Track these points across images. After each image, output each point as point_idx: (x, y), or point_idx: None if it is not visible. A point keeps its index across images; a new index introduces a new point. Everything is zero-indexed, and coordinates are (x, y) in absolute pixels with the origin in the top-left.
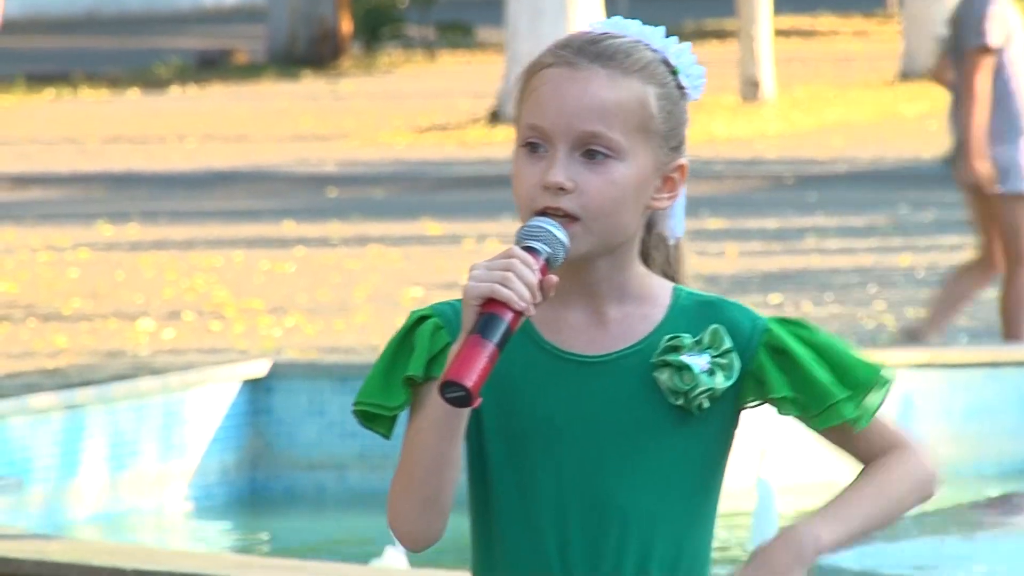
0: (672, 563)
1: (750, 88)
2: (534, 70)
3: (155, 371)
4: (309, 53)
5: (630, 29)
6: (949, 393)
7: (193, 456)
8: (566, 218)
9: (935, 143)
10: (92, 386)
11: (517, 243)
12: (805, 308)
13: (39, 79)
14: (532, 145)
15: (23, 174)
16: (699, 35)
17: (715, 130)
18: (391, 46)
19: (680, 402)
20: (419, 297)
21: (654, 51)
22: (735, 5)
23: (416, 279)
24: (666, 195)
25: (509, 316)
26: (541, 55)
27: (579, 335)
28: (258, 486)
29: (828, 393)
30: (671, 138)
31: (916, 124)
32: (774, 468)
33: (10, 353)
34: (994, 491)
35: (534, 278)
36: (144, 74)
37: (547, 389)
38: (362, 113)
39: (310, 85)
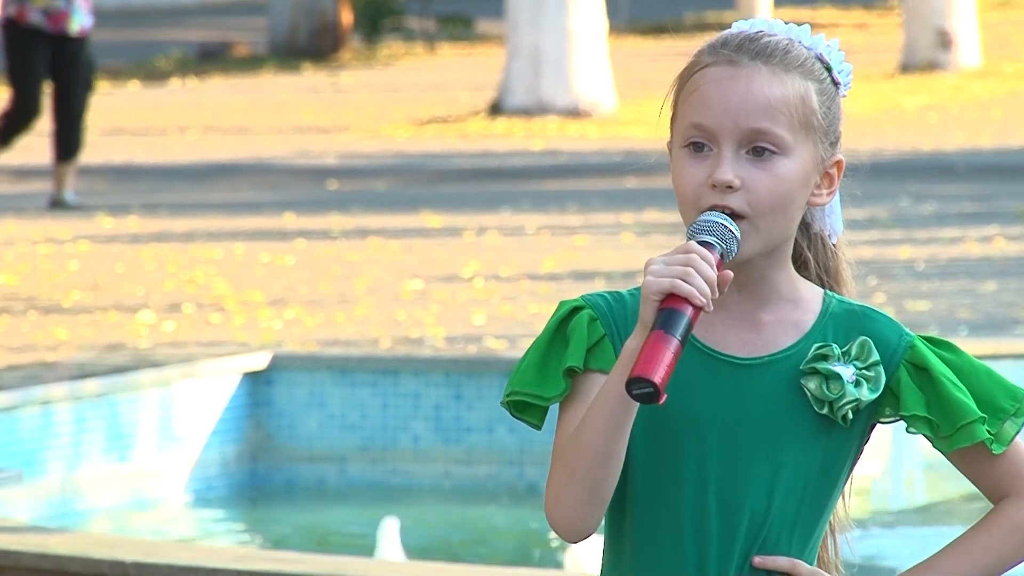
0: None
1: None
2: (693, 69)
3: (155, 363)
4: (310, 45)
5: (778, 27)
6: None
7: (193, 448)
8: (733, 216)
9: (935, 136)
10: (92, 379)
11: (689, 238)
12: None
13: None
14: (696, 144)
15: (23, 166)
16: (699, 28)
17: None
18: (391, 38)
19: (825, 411)
20: (419, 290)
21: (808, 48)
22: None
23: (416, 271)
24: (825, 191)
25: (690, 311)
26: (698, 54)
27: (731, 335)
28: (258, 478)
29: (962, 413)
30: (830, 133)
31: (916, 117)
32: None
33: (10, 346)
34: None
35: (712, 273)
36: (145, 66)
37: (696, 387)
38: (362, 105)
39: (310, 77)
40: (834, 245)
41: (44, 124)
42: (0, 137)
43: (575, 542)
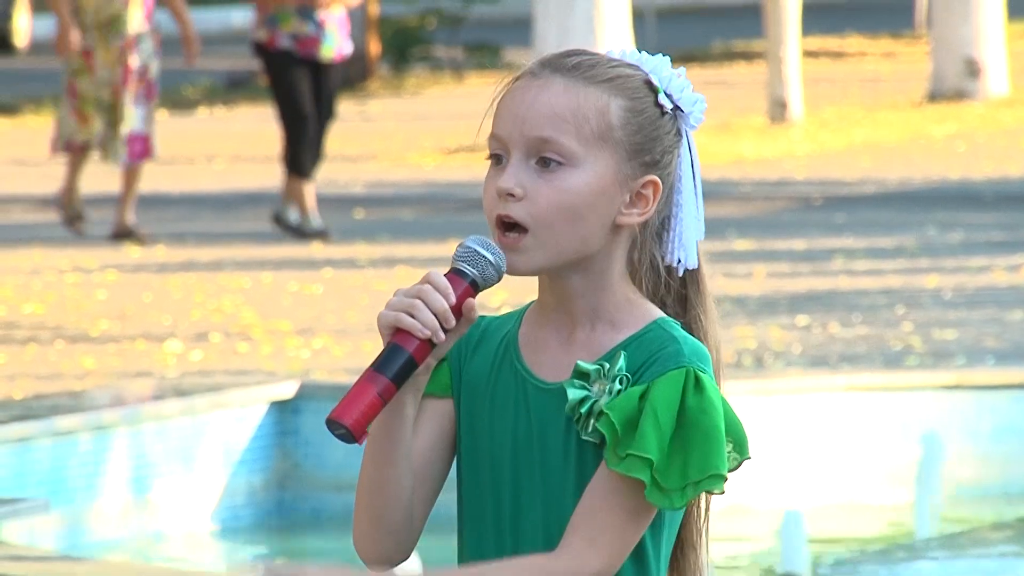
0: None
1: (778, 109)
2: (504, 85)
3: (183, 392)
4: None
5: (628, 56)
6: (976, 415)
7: (220, 477)
8: (516, 228)
9: (963, 164)
10: (119, 408)
11: (451, 263)
12: (832, 329)
13: None
14: (495, 157)
15: (50, 195)
16: (727, 56)
17: (743, 151)
18: (419, 67)
19: (579, 427)
20: None
21: (636, 70)
22: (763, 26)
23: None
24: (635, 211)
25: (415, 345)
26: (515, 73)
27: (549, 358)
28: (285, 507)
29: (641, 445)
30: (639, 153)
31: (944, 145)
32: (796, 485)
33: (38, 374)
34: (1022, 512)
35: (444, 304)
36: (172, 95)
37: (509, 410)
38: (390, 134)
39: (338, 106)
40: (684, 274)
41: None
42: (297, 169)
43: (376, 571)
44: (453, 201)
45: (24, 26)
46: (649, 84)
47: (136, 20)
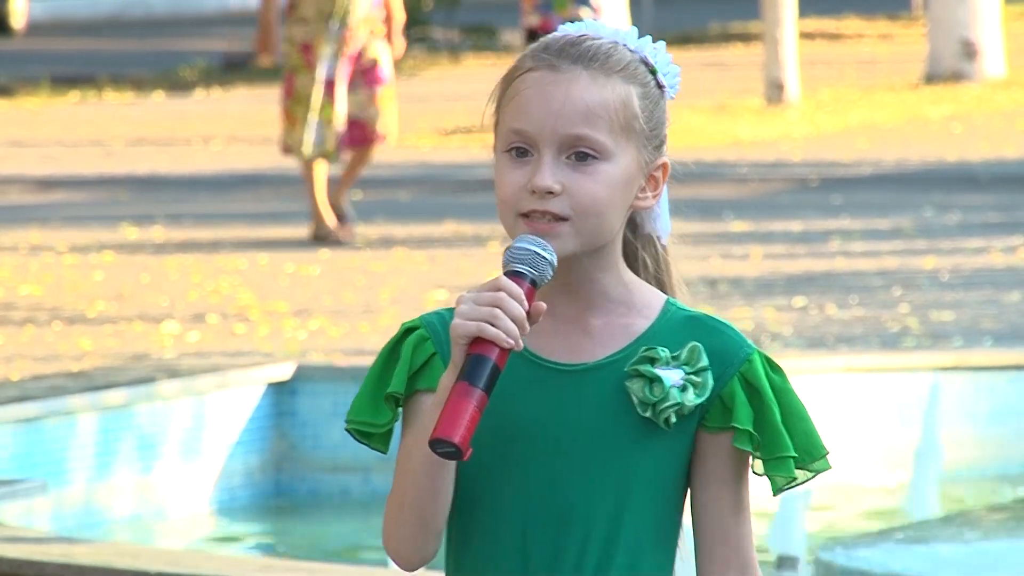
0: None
1: (775, 91)
2: (515, 74)
3: (180, 374)
4: None
5: (604, 30)
6: (974, 396)
7: (217, 459)
8: (555, 219)
9: (959, 146)
10: (117, 389)
11: (504, 267)
12: (829, 311)
13: (64, 81)
14: (517, 150)
15: (48, 177)
16: (724, 38)
17: (740, 133)
18: (416, 48)
19: (648, 414)
20: (443, 300)
21: (632, 51)
22: (760, 8)
23: (441, 282)
24: (650, 194)
25: (496, 353)
26: (520, 59)
27: (561, 342)
28: (282, 488)
29: (785, 444)
30: (653, 137)
31: (940, 127)
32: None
33: (35, 356)
34: (1019, 493)
35: (522, 311)
36: (169, 76)
37: (523, 396)
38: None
39: None
40: (663, 246)
41: (69, 134)
42: None
43: (411, 571)
44: (450, 182)
45: (20, 7)
46: (646, 63)
47: (361, 7)
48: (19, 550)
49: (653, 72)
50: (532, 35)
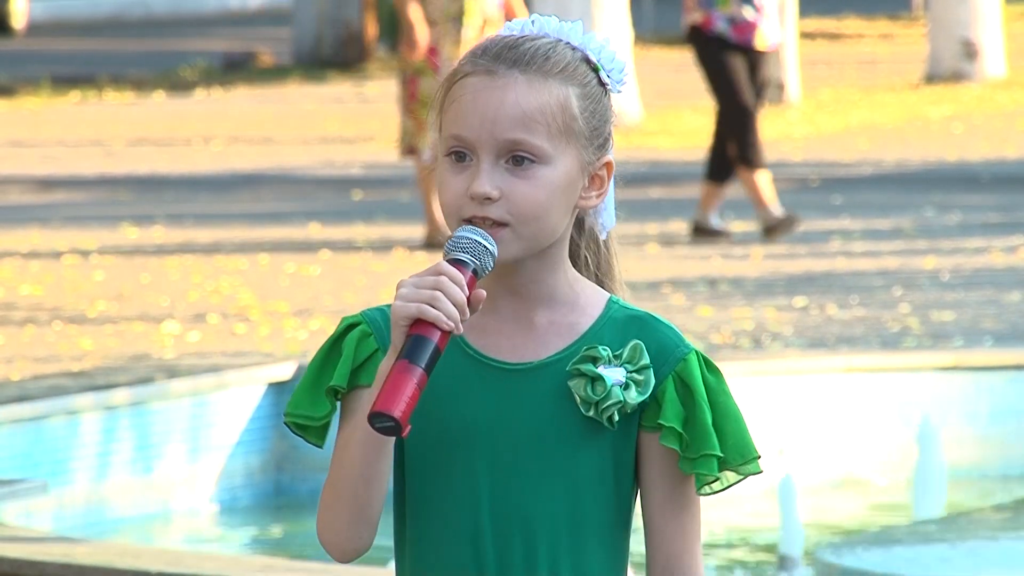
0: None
1: (775, 91)
2: (453, 79)
3: (180, 374)
4: (335, 55)
5: (549, 27)
6: (974, 396)
7: (218, 458)
8: (495, 225)
9: (960, 146)
10: (117, 389)
11: (445, 255)
12: (830, 311)
13: (64, 81)
14: (457, 154)
15: (48, 177)
16: None
17: None
18: None
19: (591, 413)
20: None
21: (574, 49)
22: None
23: None
24: (594, 193)
25: (437, 336)
26: (459, 63)
27: (504, 340)
28: (283, 488)
29: (711, 443)
30: (595, 137)
31: (941, 127)
32: (793, 467)
33: (35, 356)
34: (1019, 493)
35: (462, 295)
36: (169, 76)
37: (467, 395)
38: (388, 116)
39: (336, 88)
40: (604, 240)
41: (69, 134)
42: (750, 162)
43: (346, 562)
44: None
45: (20, 7)
46: (588, 61)
47: (487, 7)
48: (19, 550)
49: (596, 70)
50: (694, 32)
